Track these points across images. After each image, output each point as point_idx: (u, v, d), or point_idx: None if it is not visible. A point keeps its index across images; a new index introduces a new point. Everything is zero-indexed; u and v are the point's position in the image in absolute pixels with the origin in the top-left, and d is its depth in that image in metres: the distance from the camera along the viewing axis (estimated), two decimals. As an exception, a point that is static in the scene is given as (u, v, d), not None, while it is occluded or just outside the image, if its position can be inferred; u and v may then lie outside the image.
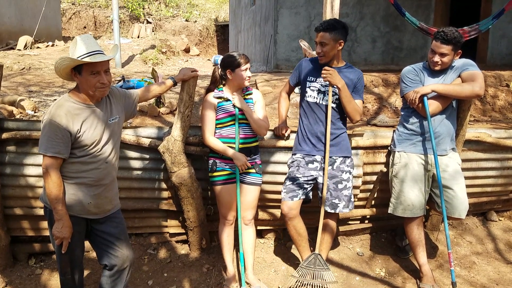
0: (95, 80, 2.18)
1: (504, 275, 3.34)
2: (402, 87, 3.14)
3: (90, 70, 2.17)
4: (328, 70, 2.84)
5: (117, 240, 2.43)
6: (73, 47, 2.20)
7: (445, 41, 2.89)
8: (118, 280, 2.46)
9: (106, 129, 2.30)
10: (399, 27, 7.79)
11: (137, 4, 16.22)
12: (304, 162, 3.04)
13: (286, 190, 3.05)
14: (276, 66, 7.66)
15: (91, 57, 2.15)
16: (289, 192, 3.03)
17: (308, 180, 3.03)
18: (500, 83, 5.28)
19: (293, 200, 3.01)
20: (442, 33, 2.90)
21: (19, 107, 3.81)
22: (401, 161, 3.15)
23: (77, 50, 2.17)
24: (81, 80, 2.21)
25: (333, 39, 2.86)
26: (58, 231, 2.20)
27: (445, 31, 2.90)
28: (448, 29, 2.91)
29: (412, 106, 3.03)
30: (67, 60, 2.17)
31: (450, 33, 2.87)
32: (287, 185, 3.06)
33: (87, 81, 2.19)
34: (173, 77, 2.86)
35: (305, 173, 3.02)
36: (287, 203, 3.02)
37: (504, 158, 3.69)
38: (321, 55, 2.92)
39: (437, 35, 2.94)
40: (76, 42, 2.20)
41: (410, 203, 3.09)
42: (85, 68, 2.17)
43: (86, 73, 2.17)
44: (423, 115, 3.03)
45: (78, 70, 2.18)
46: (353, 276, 3.31)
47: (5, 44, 9.76)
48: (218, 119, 2.96)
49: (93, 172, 2.27)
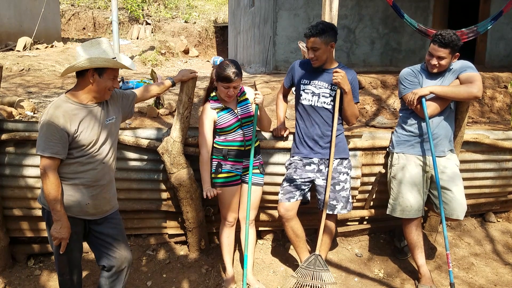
0: (111, 83, 2.27)
1: (502, 276, 3.35)
2: (400, 89, 3.15)
3: (113, 74, 2.27)
4: (340, 73, 2.84)
5: (115, 241, 2.43)
6: (96, 48, 2.22)
7: (442, 44, 2.89)
8: (116, 281, 2.46)
9: (103, 129, 2.31)
10: (397, 29, 7.81)
11: (136, 5, 16.25)
12: (302, 164, 3.05)
13: (283, 191, 3.06)
14: (275, 67, 7.68)
15: (131, 65, 2.31)
16: (286, 194, 3.04)
17: (305, 182, 3.04)
18: (498, 84, 5.31)
19: (290, 202, 3.02)
20: (439, 36, 2.90)
21: (18, 108, 3.82)
22: (400, 162, 3.16)
23: (105, 52, 2.21)
24: (98, 82, 2.23)
25: (324, 42, 2.86)
26: (56, 232, 2.21)
27: (442, 34, 2.89)
28: (446, 32, 2.91)
29: (410, 107, 3.04)
30: (109, 61, 2.20)
31: (448, 37, 2.87)
32: (284, 187, 3.07)
33: (105, 82, 2.24)
34: (171, 78, 2.87)
35: (302, 174, 3.03)
36: (284, 204, 3.03)
37: (502, 160, 3.70)
38: (314, 59, 2.93)
39: (435, 38, 2.93)
40: (101, 43, 2.25)
41: (408, 204, 3.10)
42: (108, 72, 2.23)
43: (108, 76, 2.24)
44: (421, 116, 3.04)
45: (100, 71, 2.21)
46: (351, 277, 3.32)
47: (4, 45, 9.75)
48: (223, 128, 2.95)
49: (90, 173, 2.28)
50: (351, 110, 2.98)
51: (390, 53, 7.95)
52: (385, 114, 4.64)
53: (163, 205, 3.40)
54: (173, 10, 17.51)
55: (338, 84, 2.85)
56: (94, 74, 2.21)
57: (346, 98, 2.92)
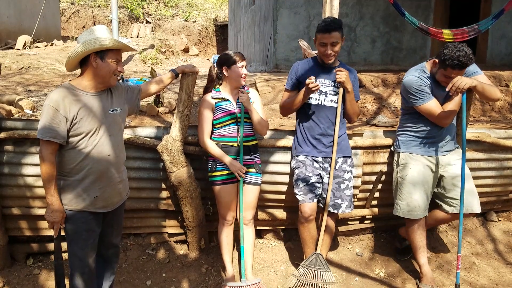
0: (116, 67, 2.27)
1: (504, 276, 3.33)
2: (412, 100, 2.98)
3: (115, 57, 2.26)
4: (343, 72, 2.81)
5: (113, 230, 2.53)
6: (91, 34, 2.22)
7: (464, 66, 2.76)
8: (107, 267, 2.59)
9: (105, 119, 2.30)
10: (398, 27, 7.79)
11: (136, 3, 16.22)
12: (309, 161, 3.03)
13: (302, 192, 2.98)
14: (275, 66, 7.66)
15: (128, 43, 2.26)
16: (307, 194, 2.97)
17: (318, 179, 3.00)
18: (499, 83, 5.29)
19: (314, 201, 2.98)
20: (457, 62, 2.72)
21: (17, 106, 3.80)
22: (407, 162, 3.12)
23: (100, 37, 2.20)
24: (101, 65, 2.23)
25: (341, 36, 2.87)
26: (48, 215, 2.23)
27: (460, 59, 2.71)
28: (462, 54, 2.72)
29: (451, 93, 2.77)
30: (111, 40, 2.21)
31: (467, 58, 2.72)
32: (301, 187, 2.99)
33: (108, 66, 2.24)
34: (173, 69, 2.86)
35: (314, 170, 3.00)
36: (308, 205, 2.96)
37: (503, 158, 3.68)
38: (332, 55, 2.89)
39: (453, 65, 2.74)
40: (96, 29, 2.24)
41: (416, 204, 3.07)
42: (110, 55, 2.24)
43: (110, 59, 2.24)
44: (457, 109, 2.92)
45: (101, 55, 2.22)
46: (352, 277, 3.30)
47: (4, 44, 9.74)
48: (217, 119, 2.95)
49: (95, 165, 2.27)
50: (353, 109, 2.98)
51: (391, 51, 7.93)
52: (386, 112, 4.62)
53: (162, 204, 3.38)
54: (173, 9, 17.48)
55: (342, 83, 2.83)
56: (96, 59, 2.22)
57: (349, 97, 2.90)
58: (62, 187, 2.26)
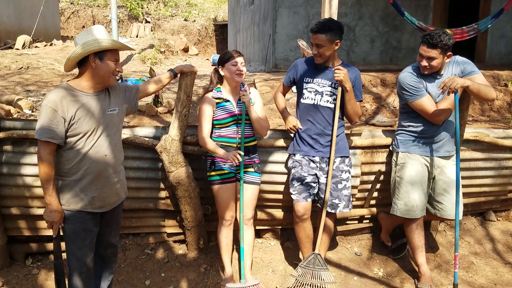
0: (114, 67, 2.27)
1: (503, 275, 3.33)
2: (406, 96, 2.99)
3: (114, 58, 2.27)
4: (341, 70, 2.81)
5: (111, 230, 2.52)
6: (89, 35, 2.22)
7: (431, 45, 2.76)
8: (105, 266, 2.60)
9: (103, 119, 2.30)
10: (398, 27, 7.78)
11: (136, 3, 16.20)
12: (306, 161, 3.03)
13: (296, 191, 3.00)
14: (274, 65, 7.65)
15: (130, 45, 2.24)
16: (301, 193, 2.99)
17: (314, 179, 3.01)
18: (498, 83, 5.29)
19: (308, 201, 2.99)
20: (428, 37, 2.76)
21: (16, 106, 3.80)
22: (405, 161, 3.12)
23: (99, 37, 2.21)
24: (100, 66, 2.23)
25: (329, 40, 2.83)
26: (47, 215, 2.23)
27: (431, 35, 2.75)
28: (434, 32, 2.77)
29: (443, 92, 2.77)
30: (110, 41, 2.22)
31: (436, 36, 2.73)
32: (296, 186, 3.01)
33: (107, 66, 2.24)
34: (172, 69, 2.85)
35: (309, 170, 3.01)
36: (302, 204, 2.98)
37: (502, 158, 3.69)
38: (318, 55, 2.91)
39: (423, 39, 2.80)
40: (94, 30, 2.25)
41: (414, 204, 3.07)
42: (108, 55, 2.24)
43: (109, 60, 2.24)
44: (450, 107, 2.88)
45: (100, 55, 2.22)
46: (351, 276, 3.30)
47: (3, 44, 9.74)
48: (218, 120, 2.95)
49: (92, 165, 2.27)
50: (353, 109, 2.96)
51: (390, 51, 7.93)
52: (385, 112, 4.63)
53: (161, 203, 3.38)
54: (173, 8, 17.47)
55: (340, 82, 2.83)
56: (95, 59, 2.22)
57: (347, 96, 2.89)
58: (60, 187, 2.26)
